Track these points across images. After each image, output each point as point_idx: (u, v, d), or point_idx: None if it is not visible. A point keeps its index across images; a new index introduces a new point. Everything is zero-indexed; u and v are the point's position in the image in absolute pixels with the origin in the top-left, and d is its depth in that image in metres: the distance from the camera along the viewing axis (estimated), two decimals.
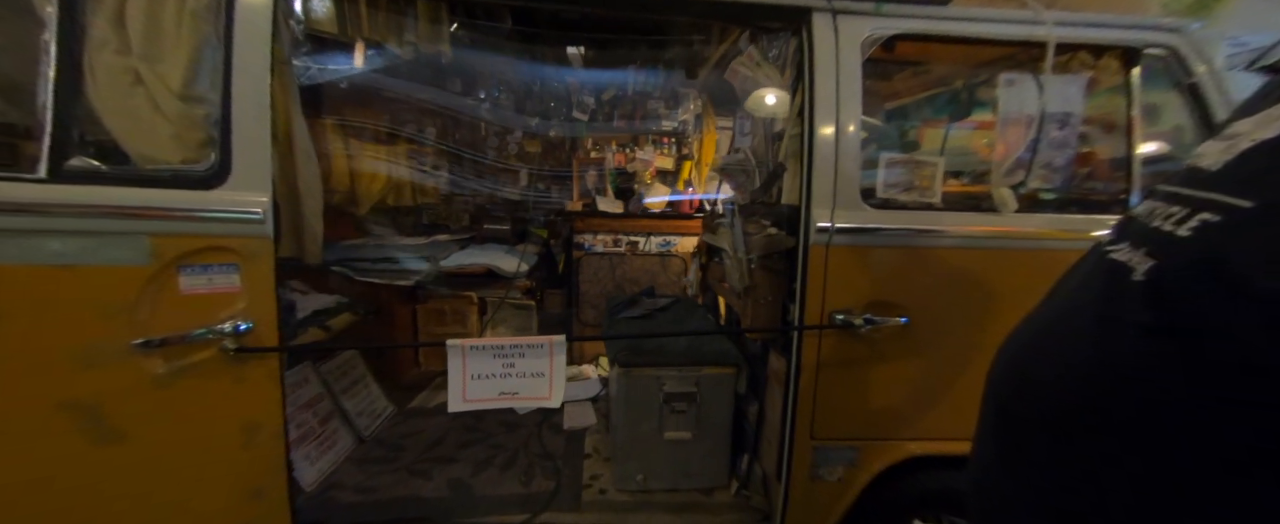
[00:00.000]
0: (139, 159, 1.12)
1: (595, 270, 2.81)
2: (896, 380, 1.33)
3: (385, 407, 2.31)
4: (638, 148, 3.10)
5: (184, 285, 1.11)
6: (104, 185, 1.05)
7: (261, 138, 1.11)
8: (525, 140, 3.15)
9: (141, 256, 1.06)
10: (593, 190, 2.97)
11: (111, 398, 1.07)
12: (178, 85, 1.13)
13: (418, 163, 3.22)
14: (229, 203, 1.09)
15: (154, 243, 1.07)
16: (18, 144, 1.37)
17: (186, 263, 1.10)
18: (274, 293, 1.15)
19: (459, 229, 3.30)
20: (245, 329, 1.12)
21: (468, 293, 2.76)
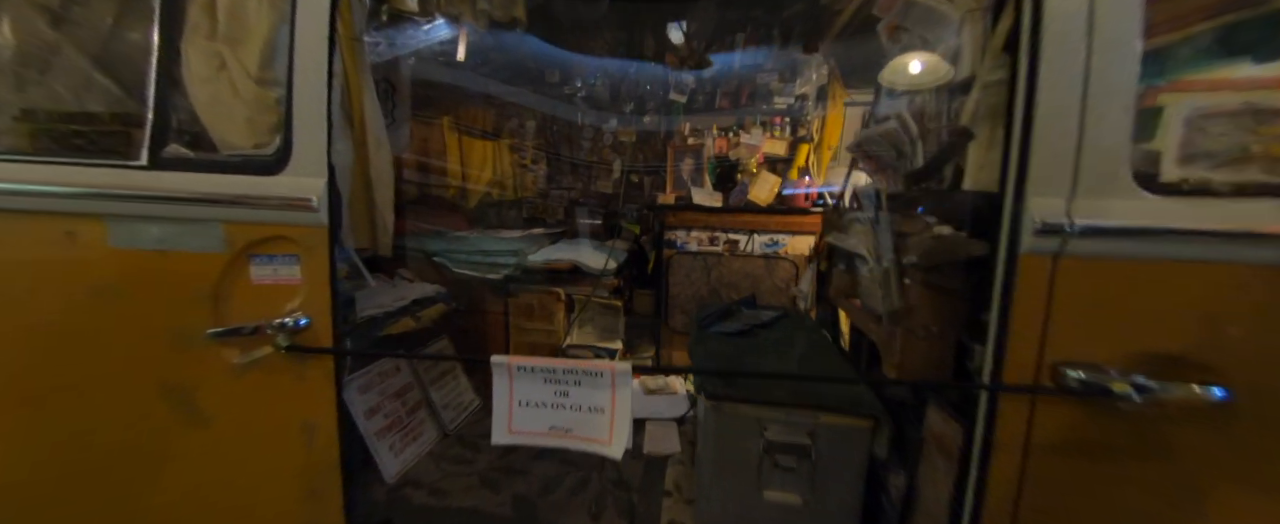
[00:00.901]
0: (221, 145, 1.07)
1: (687, 271, 2.33)
2: (1193, 494, 0.76)
3: (471, 399, 2.09)
4: (742, 131, 2.54)
5: (254, 275, 1.03)
6: (189, 171, 1.00)
7: (318, 120, 0.97)
8: (620, 130, 2.75)
9: (217, 244, 1.00)
10: (688, 181, 2.47)
11: (200, 383, 1.05)
12: (254, 67, 1.05)
13: (518, 157, 2.98)
14: (287, 189, 0.98)
15: (227, 230, 1.00)
16: (132, 133, 1.28)
17: (256, 252, 1.02)
18: (330, 287, 1.01)
19: (554, 223, 3.03)
20: (304, 325, 1.01)
21: (555, 289, 2.44)
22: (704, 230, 2.41)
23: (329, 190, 0.95)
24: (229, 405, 1.06)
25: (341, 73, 1.21)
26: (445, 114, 2.97)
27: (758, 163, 2.50)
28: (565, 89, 2.80)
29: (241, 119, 1.04)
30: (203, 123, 1.05)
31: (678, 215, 2.42)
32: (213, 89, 1.04)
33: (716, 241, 2.39)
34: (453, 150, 3.07)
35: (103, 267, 1.01)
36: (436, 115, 2.96)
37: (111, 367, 1.05)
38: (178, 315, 1.01)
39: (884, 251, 1.01)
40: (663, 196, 2.44)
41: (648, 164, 2.78)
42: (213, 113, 1.04)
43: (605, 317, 2.65)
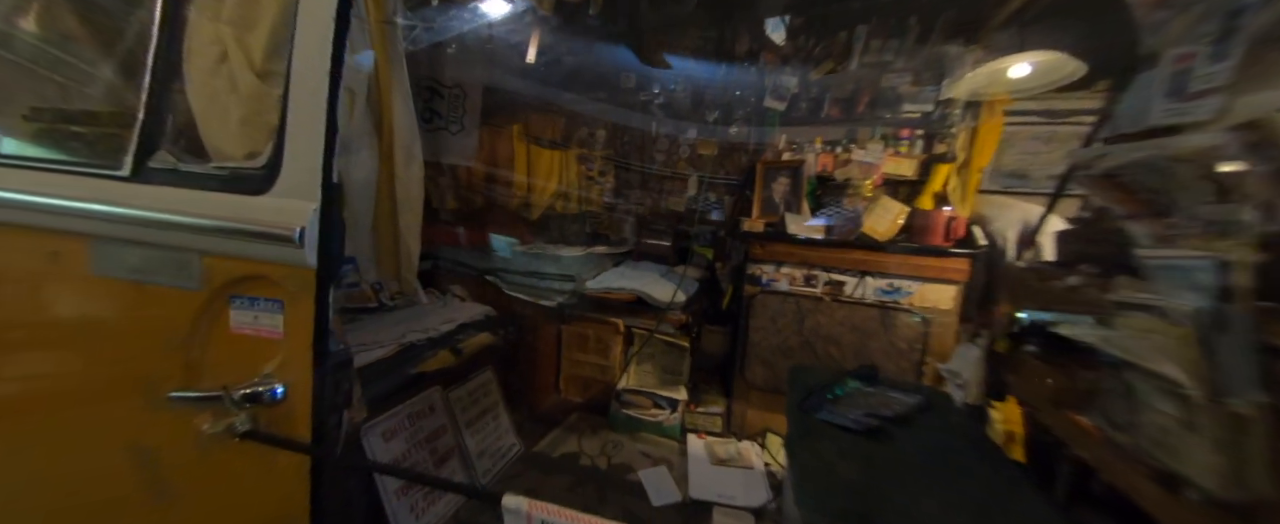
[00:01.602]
0: (212, 153, 0.82)
1: (774, 314, 1.74)
2: None
3: (511, 444, 1.68)
4: (854, 146, 1.89)
5: (234, 321, 0.77)
6: (172, 186, 0.76)
7: (315, 122, 0.69)
8: (699, 141, 2.22)
9: (194, 280, 0.76)
10: (781, 204, 1.86)
11: (166, 451, 0.80)
12: (259, 56, 0.79)
13: (585, 168, 2.55)
14: (270, 215, 0.70)
15: (206, 264, 0.75)
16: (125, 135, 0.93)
17: (235, 292, 0.76)
18: (311, 347, 0.72)
19: (618, 241, 2.55)
20: (278, 396, 0.72)
21: (613, 320, 1.96)
22: (798, 266, 1.80)
23: (322, 219, 0.68)
24: (194, 484, 0.82)
25: (370, 64, 0.85)
26: (516, 121, 2.61)
27: (874, 186, 1.84)
28: (640, 95, 2.32)
29: (236, 121, 0.79)
30: (198, 124, 0.82)
31: (766, 246, 1.84)
32: (209, 83, 0.80)
33: (814, 281, 1.77)
34: (520, 159, 2.73)
35: (82, 295, 0.82)
36: (507, 122, 2.62)
37: (83, 416, 0.85)
38: (151, 364, 0.79)
39: (1234, 385, 0.40)
40: (748, 222, 1.87)
41: (730, 180, 2.21)
42: (207, 112, 0.81)
43: (668, 356, 2.12)
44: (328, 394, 0.76)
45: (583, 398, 2.30)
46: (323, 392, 0.74)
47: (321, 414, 0.74)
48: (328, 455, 0.75)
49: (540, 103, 2.65)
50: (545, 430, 2.04)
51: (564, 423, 2.10)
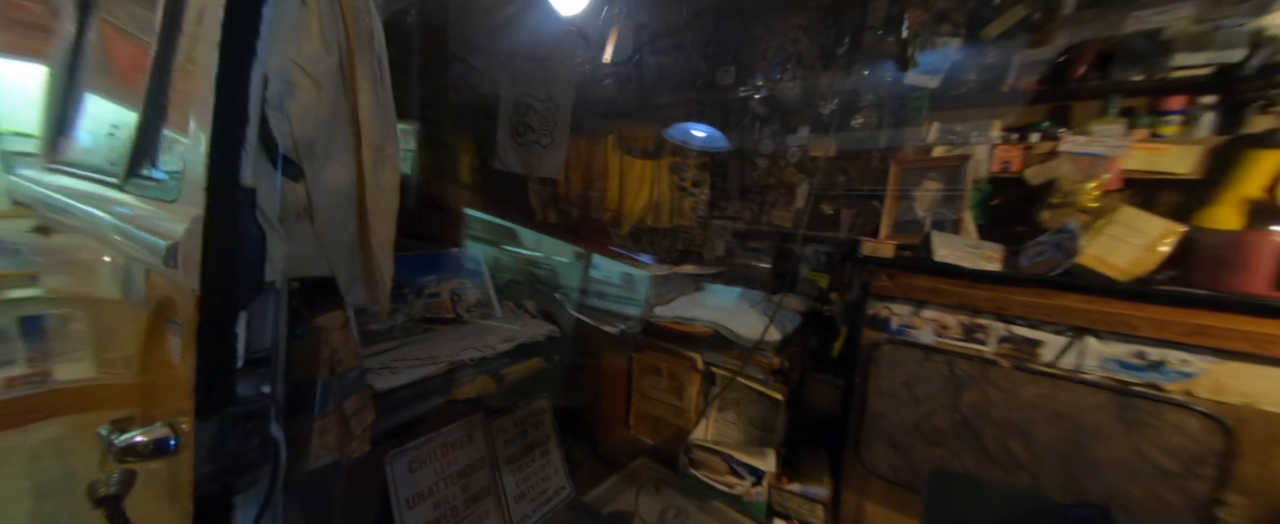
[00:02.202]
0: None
1: (909, 376, 1.10)
2: None
3: (560, 487, 1.42)
4: (1064, 131, 1.13)
5: (171, 347, 0.64)
6: (141, 195, 0.69)
7: (205, 112, 0.54)
8: (813, 141, 1.66)
9: (140, 297, 0.68)
10: (925, 218, 1.20)
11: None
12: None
13: (677, 178, 2.20)
14: (165, 225, 0.59)
15: (149, 279, 0.67)
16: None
17: (167, 313, 0.65)
18: (191, 388, 0.54)
19: (712, 260, 2.13)
20: (171, 447, 0.57)
21: (689, 353, 1.55)
22: (953, 309, 1.12)
23: (209, 230, 0.52)
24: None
25: (339, 46, 0.72)
26: (609, 131, 2.40)
27: (1103, 190, 1.06)
28: (741, 90, 1.86)
29: (191, 122, 0.65)
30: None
31: (897, 278, 1.22)
32: (184, 84, 0.73)
33: (981, 335, 1.08)
34: (613, 170, 2.50)
35: (110, 304, 0.81)
36: (601, 132, 2.42)
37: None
38: (121, 378, 0.74)
39: None
40: (871, 243, 1.25)
41: (852, 188, 1.59)
42: (176, 115, 0.74)
43: (756, 407, 1.60)
44: (226, 449, 0.54)
45: (654, 440, 1.91)
46: (218, 446, 0.57)
47: (202, 478, 0.56)
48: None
49: (633, 108, 2.38)
50: (604, 473, 1.71)
51: (626, 469, 1.74)
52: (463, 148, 2.34)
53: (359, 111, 0.77)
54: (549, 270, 2.03)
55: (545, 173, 2.50)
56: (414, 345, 1.39)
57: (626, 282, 1.88)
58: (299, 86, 0.69)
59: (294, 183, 0.69)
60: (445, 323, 1.68)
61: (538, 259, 2.08)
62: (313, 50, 0.71)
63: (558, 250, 2.01)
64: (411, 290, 1.60)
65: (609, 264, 1.99)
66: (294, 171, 0.69)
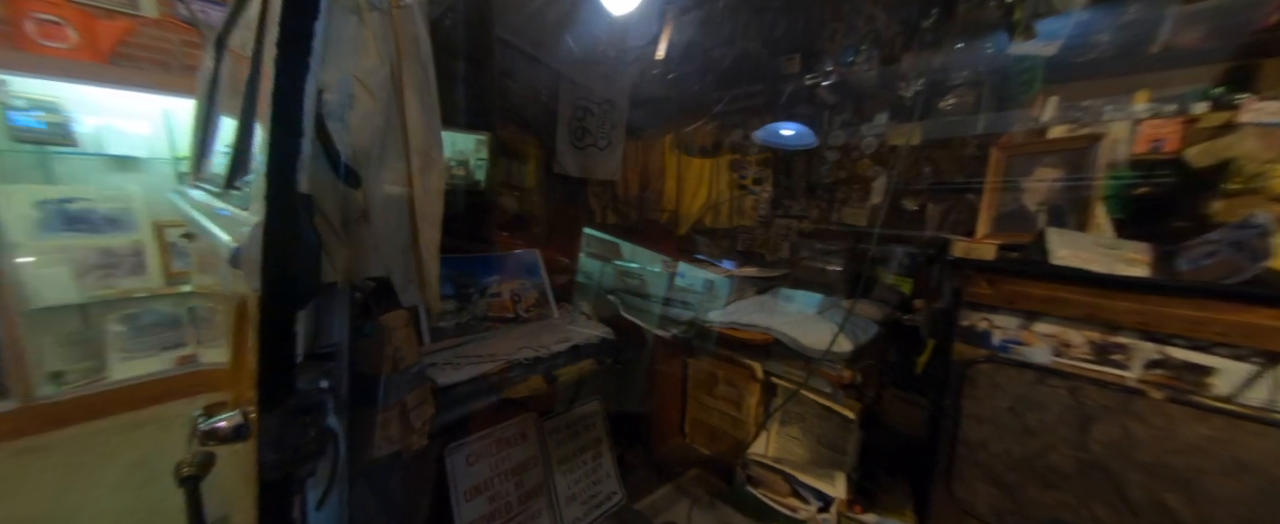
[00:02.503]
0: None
1: (1017, 401, 0.90)
2: None
3: (612, 493, 1.42)
4: (1251, 97, 0.85)
5: (251, 338, 0.68)
6: (234, 203, 0.79)
7: (268, 121, 0.57)
8: (891, 129, 1.48)
9: (233, 291, 0.75)
10: (1037, 213, 0.98)
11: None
12: None
13: (737, 176, 2.12)
14: (241, 225, 0.66)
15: (236, 277, 0.72)
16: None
17: (247, 310, 0.69)
18: (256, 381, 0.57)
19: (775, 261, 2.01)
20: (246, 434, 0.62)
21: (748, 362, 1.46)
22: (1077, 323, 0.90)
23: (268, 235, 0.55)
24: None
25: (391, 57, 0.75)
26: (666, 130, 2.36)
27: None
28: (807, 78, 1.72)
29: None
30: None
31: (999, 283, 1.01)
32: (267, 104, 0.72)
33: (1120, 357, 0.85)
34: (670, 170, 2.46)
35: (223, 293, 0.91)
36: (658, 132, 2.40)
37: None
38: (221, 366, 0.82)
39: None
40: (965, 244, 1.06)
41: (941, 180, 1.38)
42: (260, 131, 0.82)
43: (824, 424, 1.46)
44: (286, 440, 0.59)
45: (710, 450, 1.83)
46: (279, 437, 0.61)
47: (266, 463, 0.60)
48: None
49: (690, 106, 2.31)
50: (657, 480, 1.66)
51: (680, 479, 1.67)
52: (528, 155, 2.43)
53: (407, 119, 0.80)
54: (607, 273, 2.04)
55: (603, 175, 2.52)
56: (476, 343, 1.45)
57: (676, 283, 1.82)
58: (357, 98, 0.73)
59: (355, 190, 0.73)
60: (505, 322, 1.74)
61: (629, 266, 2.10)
62: (368, 63, 0.75)
63: (629, 253, 2.01)
64: (476, 290, 1.67)
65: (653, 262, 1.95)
66: (354, 179, 0.72)
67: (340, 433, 0.70)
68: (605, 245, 2.05)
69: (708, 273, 1.97)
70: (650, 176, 2.71)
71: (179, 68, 3.01)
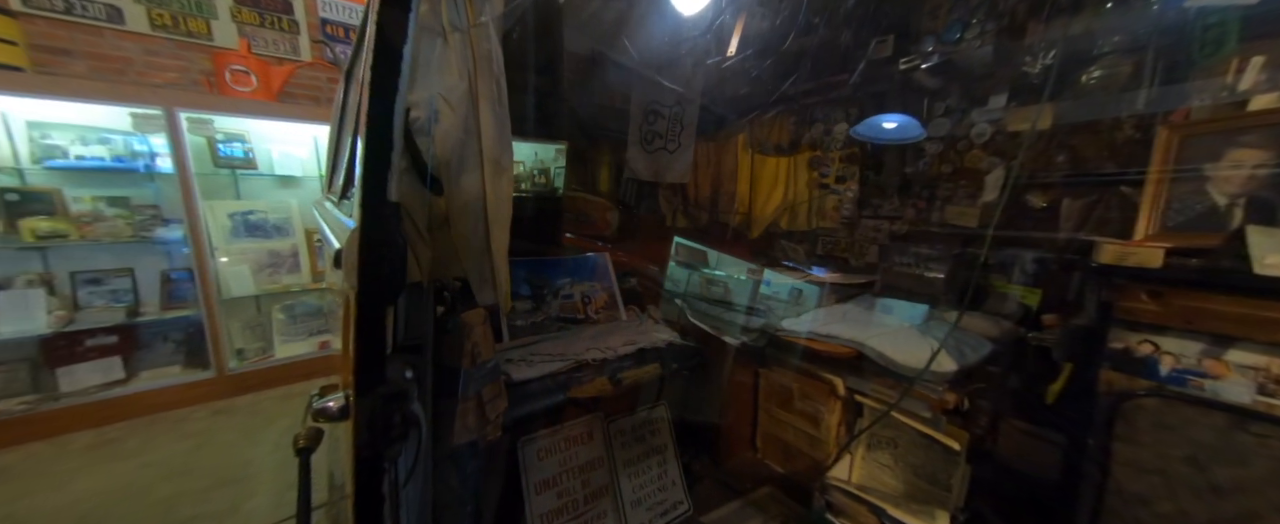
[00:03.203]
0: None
1: (1198, 450, 0.70)
2: None
3: (677, 502, 1.44)
4: None
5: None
6: (345, 212, 0.90)
7: (364, 138, 0.66)
8: (1011, 113, 1.28)
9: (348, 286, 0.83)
10: (1230, 210, 0.75)
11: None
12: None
13: (818, 175, 2.00)
14: (338, 232, 0.78)
15: (346, 273, 0.81)
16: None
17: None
18: (355, 369, 0.65)
19: (860, 267, 1.86)
20: (348, 414, 0.70)
21: (829, 377, 1.36)
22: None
23: (364, 239, 0.62)
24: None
25: (468, 70, 0.83)
26: (740, 130, 2.30)
27: None
28: (901, 63, 1.54)
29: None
30: None
31: (1173, 298, 0.78)
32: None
33: None
34: (743, 170, 2.39)
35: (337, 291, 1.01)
36: (731, 132, 2.35)
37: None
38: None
39: None
40: (1121, 248, 0.85)
41: (1081, 170, 1.14)
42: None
43: (922, 453, 1.29)
44: (377, 422, 0.69)
45: (783, 468, 1.71)
46: (371, 419, 0.68)
47: (361, 441, 0.68)
48: (363, 497, 0.63)
49: (765, 103, 2.21)
50: (726, 494, 1.60)
51: (750, 496, 1.59)
52: (600, 160, 2.51)
53: (481, 130, 0.85)
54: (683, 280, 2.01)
55: (673, 178, 2.50)
56: (548, 341, 1.52)
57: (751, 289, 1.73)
58: (442, 114, 0.80)
59: (438, 197, 0.79)
60: (576, 322, 1.80)
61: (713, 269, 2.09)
62: (450, 80, 0.81)
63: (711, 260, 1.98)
64: (550, 291, 1.76)
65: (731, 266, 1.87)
66: (438, 187, 0.79)
67: (423, 419, 0.76)
68: (692, 252, 2.04)
69: (794, 280, 1.85)
70: (722, 178, 2.63)
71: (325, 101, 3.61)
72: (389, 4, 0.61)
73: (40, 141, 2.32)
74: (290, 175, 3.36)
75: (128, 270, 2.71)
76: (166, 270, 2.85)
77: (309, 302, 3.50)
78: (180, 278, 2.84)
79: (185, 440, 2.45)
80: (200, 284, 2.78)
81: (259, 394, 3.09)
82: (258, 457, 2.33)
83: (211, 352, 2.87)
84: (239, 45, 2.92)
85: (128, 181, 2.65)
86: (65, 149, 2.37)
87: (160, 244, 2.75)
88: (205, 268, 2.79)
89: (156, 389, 2.68)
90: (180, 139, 2.58)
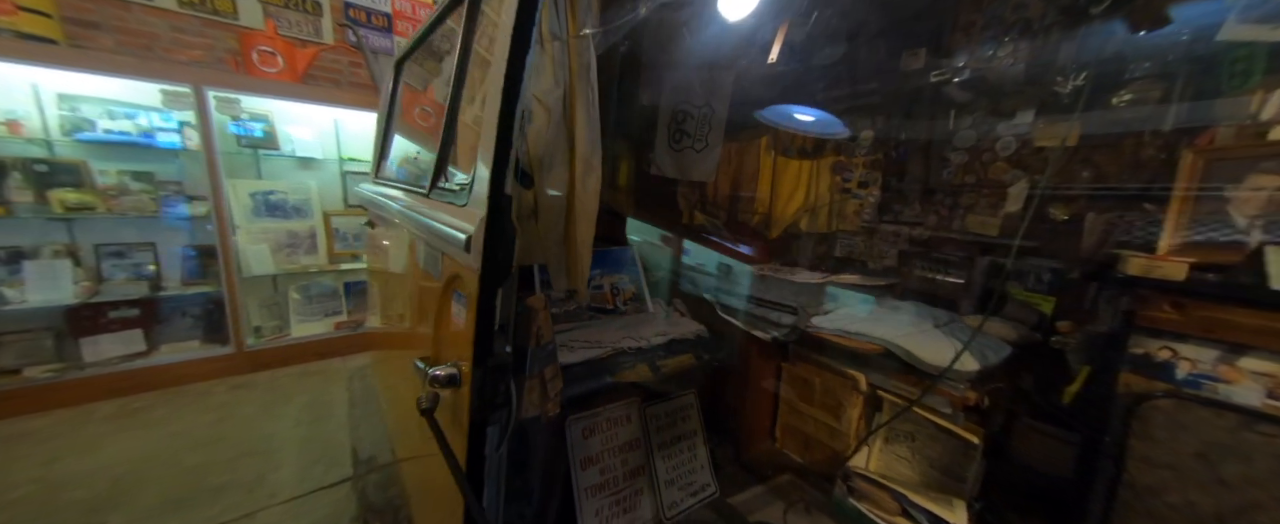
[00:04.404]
0: (456, 177, 1.00)
1: (1208, 447, 0.78)
2: None
3: (705, 484, 1.50)
4: None
5: (453, 310, 0.90)
6: (439, 200, 0.95)
7: (490, 141, 0.72)
8: (1040, 127, 1.35)
9: (438, 272, 0.92)
10: (1250, 229, 0.83)
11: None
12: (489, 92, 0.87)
13: (840, 179, 2.06)
14: (459, 222, 0.79)
15: (443, 261, 0.90)
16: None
17: (455, 286, 0.88)
18: (474, 344, 0.74)
19: (878, 270, 1.93)
20: (459, 382, 0.79)
21: (852, 372, 1.43)
22: None
23: (490, 228, 0.70)
24: (422, 434, 0.93)
25: (564, 80, 0.90)
26: (764, 132, 2.36)
27: None
28: (933, 75, 1.60)
29: (467, 149, 0.93)
30: (456, 155, 1.01)
31: (1193, 309, 0.87)
32: (465, 122, 0.97)
33: None
34: (765, 172, 2.45)
35: (414, 275, 1.08)
36: (755, 134, 2.40)
37: (409, 355, 1.13)
38: (422, 330, 0.99)
39: None
40: (1146, 261, 0.93)
41: (1105, 185, 1.22)
42: (460, 146, 0.99)
43: (941, 447, 1.37)
44: (486, 390, 0.76)
45: (801, 458, 1.79)
46: (483, 386, 0.75)
47: (475, 408, 0.75)
48: (474, 455, 0.74)
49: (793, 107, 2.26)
50: (747, 482, 1.67)
51: (771, 482, 1.66)
52: (622, 156, 2.55)
53: (575, 132, 0.90)
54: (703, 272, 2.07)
55: (697, 177, 2.55)
56: (582, 329, 1.57)
57: (780, 286, 1.79)
58: (535, 115, 0.85)
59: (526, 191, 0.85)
60: (606, 313, 1.86)
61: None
62: (546, 84, 0.86)
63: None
64: None
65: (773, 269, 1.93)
66: (527, 182, 0.85)
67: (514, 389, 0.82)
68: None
69: (807, 278, 1.92)
70: (743, 178, 2.68)
71: (346, 84, 3.60)
72: (522, 22, 0.66)
73: (70, 115, 2.31)
74: (310, 157, 3.35)
75: (149, 245, 2.71)
76: (188, 246, 2.85)
77: (325, 283, 3.51)
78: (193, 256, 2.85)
79: (208, 413, 2.48)
80: (222, 261, 2.79)
81: (276, 372, 3.11)
82: (279, 431, 2.37)
83: (231, 328, 2.88)
84: (266, 26, 2.90)
85: (152, 157, 2.64)
86: (94, 122, 2.36)
87: (182, 220, 2.74)
88: (227, 245, 2.79)
89: (177, 363, 2.70)
90: (208, 117, 2.58)
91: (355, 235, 3.62)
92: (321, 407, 2.66)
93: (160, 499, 1.77)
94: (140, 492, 1.83)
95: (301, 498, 1.83)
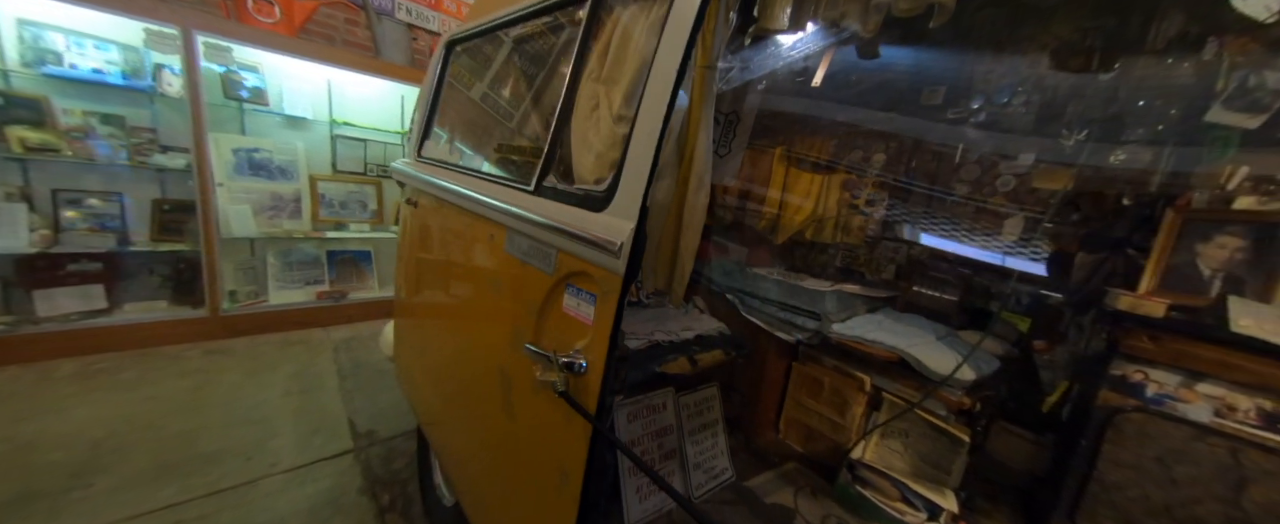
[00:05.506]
0: (577, 179, 1.01)
1: (1165, 453, 0.99)
2: None
3: (724, 468, 1.61)
4: None
5: (566, 303, 0.93)
6: (551, 200, 0.98)
7: (644, 159, 0.77)
8: (1040, 169, 1.51)
9: (550, 267, 0.96)
10: (1211, 279, 1.05)
11: (516, 381, 1.04)
12: (618, 104, 0.94)
13: (850, 195, 2.19)
14: (601, 229, 0.82)
15: (558, 257, 0.94)
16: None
17: (572, 282, 0.91)
18: (609, 339, 0.80)
19: (876, 282, 2.08)
20: (583, 369, 0.85)
21: (858, 374, 1.57)
22: (1251, 391, 0.95)
23: (635, 235, 0.74)
24: (526, 412, 1.01)
25: (687, 106, 0.99)
26: (781, 143, 2.45)
27: None
28: (950, 112, 1.75)
29: (593, 156, 0.95)
30: (573, 157, 1.02)
31: (1164, 342, 1.07)
32: (583, 127, 0.98)
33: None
34: (776, 180, 2.54)
35: (498, 262, 1.11)
36: (772, 144, 2.49)
37: (483, 333, 1.18)
38: (521, 318, 1.01)
39: None
40: (1130, 298, 1.11)
41: (1092, 229, 1.41)
42: (578, 149, 1.00)
43: (932, 443, 1.54)
44: (612, 377, 0.82)
45: (803, 449, 1.94)
46: (609, 374, 0.80)
47: (604, 392, 0.81)
48: (602, 427, 0.80)
49: (813, 124, 2.37)
50: (758, 468, 1.80)
51: (779, 468, 1.80)
52: None
53: (694, 151, 0.95)
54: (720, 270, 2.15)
55: (717, 179, 2.62)
56: None
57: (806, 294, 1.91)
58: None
59: None
60: (630, 306, 1.91)
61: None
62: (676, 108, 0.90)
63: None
64: None
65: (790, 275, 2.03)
66: None
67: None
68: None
69: (815, 285, 2.05)
70: (754, 183, 2.78)
71: (341, 42, 3.33)
72: (687, 46, 0.71)
73: (31, 43, 2.00)
74: (299, 116, 3.10)
75: (115, 194, 2.43)
76: (159, 199, 2.58)
77: (308, 250, 3.28)
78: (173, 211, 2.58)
79: (185, 378, 2.30)
80: (201, 219, 2.55)
81: (255, 338, 2.90)
82: (269, 399, 2.25)
83: (206, 290, 2.65)
84: None
85: (124, 99, 2.35)
86: (60, 54, 2.06)
87: (155, 170, 2.48)
88: (208, 202, 2.55)
89: (143, 323, 2.46)
90: (195, 62, 2.32)
91: (342, 203, 3.39)
92: (310, 377, 2.53)
93: (149, 464, 1.65)
94: (125, 456, 1.69)
95: (304, 468, 1.77)
